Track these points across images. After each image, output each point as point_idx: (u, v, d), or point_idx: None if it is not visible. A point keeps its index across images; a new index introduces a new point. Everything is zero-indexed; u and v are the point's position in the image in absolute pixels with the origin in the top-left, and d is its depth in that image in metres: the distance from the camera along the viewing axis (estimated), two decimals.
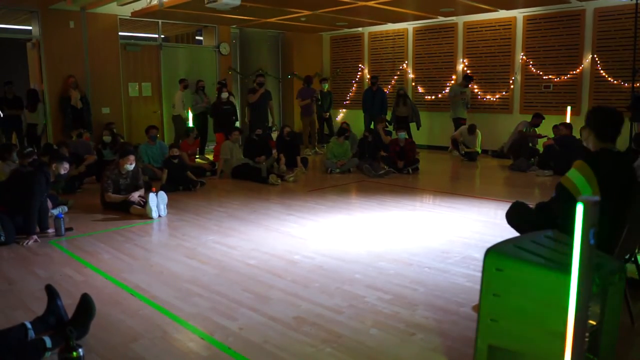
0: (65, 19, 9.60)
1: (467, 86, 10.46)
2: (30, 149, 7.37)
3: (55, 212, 5.46)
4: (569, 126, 8.48)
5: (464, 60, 10.92)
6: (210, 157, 10.15)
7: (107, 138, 8.45)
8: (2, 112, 9.34)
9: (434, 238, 4.81)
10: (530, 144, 9.14)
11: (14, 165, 6.56)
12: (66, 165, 5.29)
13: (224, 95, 9.74)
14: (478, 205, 6.15)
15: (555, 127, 8.77)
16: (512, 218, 3.33)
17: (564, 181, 2.88)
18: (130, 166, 6.11)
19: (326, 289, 3.57)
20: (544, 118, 9.29)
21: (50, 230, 5.07)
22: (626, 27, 8.70)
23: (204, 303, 3.35)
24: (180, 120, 10.56)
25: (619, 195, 2.80)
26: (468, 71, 10.78)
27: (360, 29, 12.64)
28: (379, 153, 8.94)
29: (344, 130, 9.16)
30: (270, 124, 10.30)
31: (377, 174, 8.23)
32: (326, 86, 11.60)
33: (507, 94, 10.40)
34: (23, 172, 5.14)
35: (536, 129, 9.31)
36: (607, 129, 2.96)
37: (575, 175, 2.85)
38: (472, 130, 9.99)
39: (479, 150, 10.08)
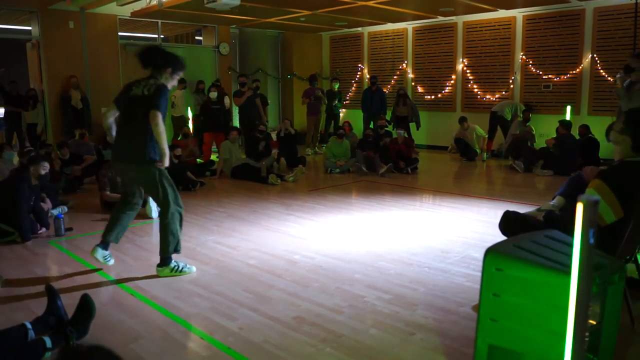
0: (65, 19, 9.60)
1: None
2: (31, 149, 7.37)
3: (55, 212, 5.46)
4: (567, 125, 8.48)
5: (464, 60, 10.93)
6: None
7: (110, 138, 8.42)
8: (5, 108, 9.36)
9: (434, 238, 4.81)
10: (529, 143, 9.13)
11: (13, 165, 6.57)
12: (45, 165, 5.19)
13: (212, 95, 9.61)
14: (478, 205, 6.15)
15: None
16: (507, 230, 3.22)
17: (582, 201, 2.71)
18: None
19: (326, 288, 3.57)
20: (532, 110, 9.48)
21: (43, 230, 5.07)
22: (626, 26, 8.70)
23: (204, 303, 3.35)
24: (183, 121, 10.52)
25: None
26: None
27: (359, 28, 12.64)
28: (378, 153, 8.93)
29: (341, 129, 9.15)
30: (260, 125, 10.20)
31: (377, 174, 8.22)
32: (337, 85, 11.57)
33: (507, 93, 10.40)
34: (4, 181, 5.10)
35: (529, 124, 9.39)
36: None
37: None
38: (460, 120, 10.09)
39: (478, 150, 10.07)
